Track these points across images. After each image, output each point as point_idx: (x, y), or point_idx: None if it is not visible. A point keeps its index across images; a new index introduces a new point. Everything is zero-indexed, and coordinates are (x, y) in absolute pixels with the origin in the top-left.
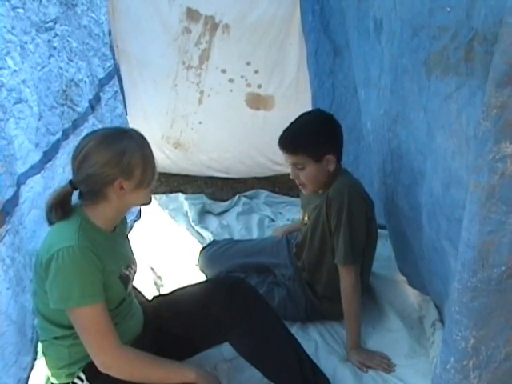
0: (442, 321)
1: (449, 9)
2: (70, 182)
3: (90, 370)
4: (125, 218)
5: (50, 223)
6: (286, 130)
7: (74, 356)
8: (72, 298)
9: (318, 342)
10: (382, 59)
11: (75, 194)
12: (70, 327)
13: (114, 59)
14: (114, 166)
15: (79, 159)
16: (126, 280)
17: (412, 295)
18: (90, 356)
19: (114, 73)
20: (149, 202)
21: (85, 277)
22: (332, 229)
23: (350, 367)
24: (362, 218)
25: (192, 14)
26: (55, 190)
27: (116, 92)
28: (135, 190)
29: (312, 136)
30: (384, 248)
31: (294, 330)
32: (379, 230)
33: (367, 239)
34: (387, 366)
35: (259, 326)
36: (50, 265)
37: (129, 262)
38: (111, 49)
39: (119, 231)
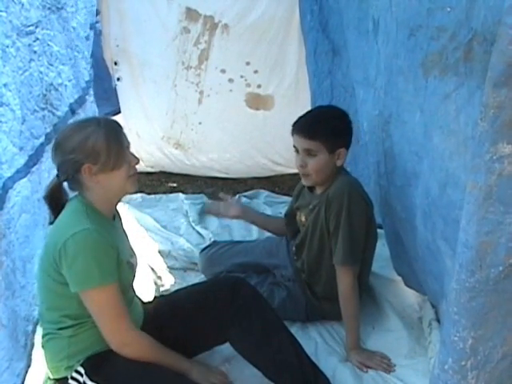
0: (438, 320)
1: (449, 9)
2: (57, 174)
3: (89, 364)
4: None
5: (51, 220)
6: (304, 116)
7: (73, 347)
8: (92, 278)
9: (318, 342)
10: (379, 60)
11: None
12: (76, 317)
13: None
14: (80, 152)
15: (53, 150)
16: (132, 268)
17: (412, 295)
18: (88, 349)
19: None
20: (131, 190)
21: (103, 257)
22: (331, 229)
23: (349, 367)
24: (362, 218)
25: (191, 14)
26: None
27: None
28: (104, 173)
29: (332, 126)
30: (384, 248)
31: (294, 330)
32: (378, 230)
33: (367, 239)
34: (387, 365)
35: (260, 326)
36: (66, 250)
37: (131, 251)
38: (92, 53)
39: (118, 222)
